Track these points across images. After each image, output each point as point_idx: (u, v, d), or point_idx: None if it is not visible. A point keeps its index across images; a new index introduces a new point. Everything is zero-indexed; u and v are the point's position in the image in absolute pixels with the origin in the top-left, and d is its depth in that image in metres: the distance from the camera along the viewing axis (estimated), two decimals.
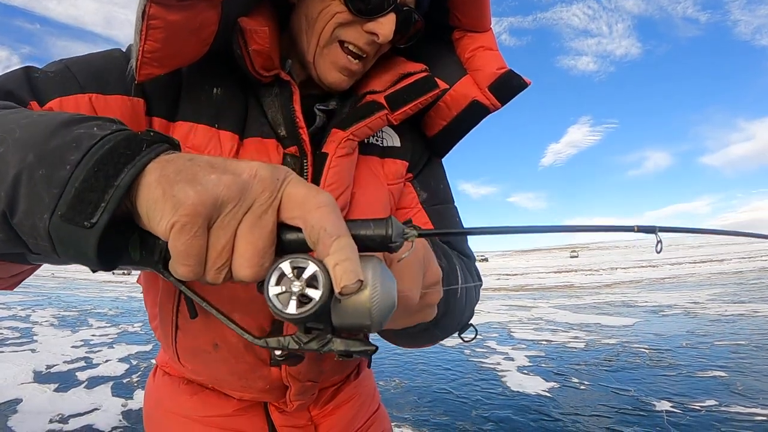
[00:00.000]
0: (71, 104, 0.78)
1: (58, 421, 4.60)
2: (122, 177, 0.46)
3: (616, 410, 4.98)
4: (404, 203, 1.11)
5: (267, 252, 0.49)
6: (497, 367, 7.03)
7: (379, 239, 0.52)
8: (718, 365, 6.54)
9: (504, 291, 22.17)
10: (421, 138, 1.15)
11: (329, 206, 0.48)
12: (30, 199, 0.47)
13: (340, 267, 0.46)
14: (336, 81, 0.94)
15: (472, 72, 1.04)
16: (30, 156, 0.47)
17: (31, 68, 0.81)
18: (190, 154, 0.50)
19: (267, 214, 0.48)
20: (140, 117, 0.85)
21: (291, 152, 0.91)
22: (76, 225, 0.45)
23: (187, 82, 0.88)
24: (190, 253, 0.46)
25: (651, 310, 12.66)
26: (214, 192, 0.46)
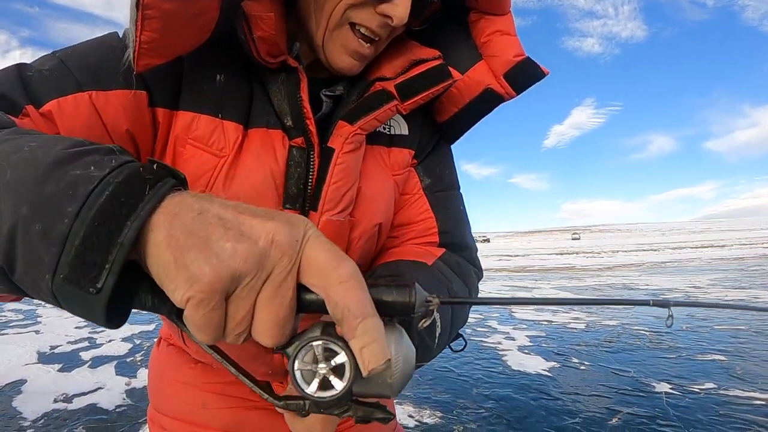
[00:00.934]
0: (70, 105, 0.74)
1: (62, 401, 4.65)
2: (125, 232, 0.42)
3: (615, 391, 5.03)
4: (407, 189, 1.09)
5: (288, 321, 0.47)
6: (498, 347, 7.09)
7: (401, 307, 0.51)
8: (717, 349, 6.57)
9: (505, 272, 22.23)
10: (431, 122, 1.11)
11: (352, 280, 0.46)
12: (28, 257, 0.44)
13: (367, 350, 0.45)
14: (346, 65, 0.89)
15: (488, 58, 0.99)
16: (24, 207, 0.43)
17: (23, 66, 0.76)
18: (199, 201, 0.46)
19: (287, 282, 0.46)
20: (143, 109, 0.81)
21: (297, 144, 0.87)
22: (80, 289, 0.42)
23: (189, 69, 0.84)
24: (209, 326, 0.45)
25: (652, 293, 12.65)
26: (230, 266, 0.42)
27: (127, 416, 4.32)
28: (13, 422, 4.11)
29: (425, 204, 1.08)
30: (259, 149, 0.85)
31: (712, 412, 4.35)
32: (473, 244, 1.14)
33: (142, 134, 0.82)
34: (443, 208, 1.10)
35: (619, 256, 34.33)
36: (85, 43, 0.83)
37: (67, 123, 0.73)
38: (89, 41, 0.83)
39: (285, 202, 0.87)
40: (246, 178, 0.84)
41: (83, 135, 0.71)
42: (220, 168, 0.83)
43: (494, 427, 4.20)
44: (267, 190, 0.85)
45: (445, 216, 1.10)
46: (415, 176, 1.09)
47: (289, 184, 0.87)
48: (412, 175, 1.09)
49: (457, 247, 1.09)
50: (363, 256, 1.01)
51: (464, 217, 1.15)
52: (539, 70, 0.97)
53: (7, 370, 5.35)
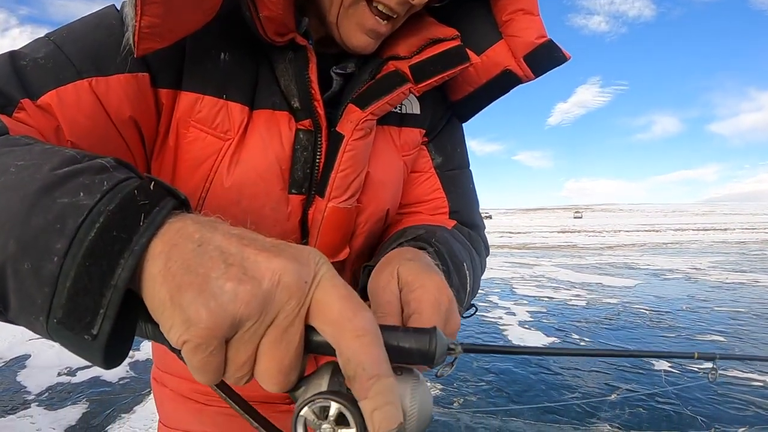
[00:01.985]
0: (70, 94, 0.69)
1: (66, 374, 4.69)
2: (119, 272, 0.38)
3: (615, 367, 5.08)
4: (417, 167, 1.06)
5: (294, 367, 0.43)
6: (499, 321, 7.15)
7: (420, 354, 0.46)
8: (716, 330, 6.62)
9: (507, 248, 22.25)
10: (443, 99, 1.07)
11: (369, 335, 0.41)
12: (21, 297, 0.40)
13: (379, 413, 0.40)
14: (361, 44, 0.84)
15: (508, 38, 0.94)
16: (11, 244, 0.40)
17: (16, 55, 0.70)
18: (201, 230, 0.42)
19: (293, 326, 0.41)
20: (146, 92, 0.76)
21: (304, 126, 0.84)
22: (76, 333, 0.39)
23: (191, 47, 0.78)
24: (207, 369, 0.41)
25: (653, 273, 12.76)
26: (230, 311, 0.38)
27: (130, 388, 4.37)
28: (17, 396, 4.15)
29: (436, 183, 1.06)
30: (264, 132, 0.82)
31: (711, 391, 4.40)
32: (481, 223, 1.13)
33: (145, 119, 0.78)
34: (454, 187, 1.08)
35: (620, 236, 34.33)
36: (81, 22, 0.77)
37: (68, 114, 0.69)
38: (85, 20, 0.77)
39: (291, 187, 0.85)
40: (251, 163, 0.81)
41: (86, 125, 0.70)
42: (225, 151, 0.80)
43: (494, 400, 4.25)
44: (272, 176, 0.83)
45: (456, 195, 1.08)
46: (426, 154, 1.07)
47: (295, 168, 0.84)
48: (423, 153, 1.06)
49: (466, 226, 1.09)
50: (369, 239, 1.00)
51: (473, 196, 1.14)
52: (561, 54, 0.93)
53: (12, 345, 5.38)
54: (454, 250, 0.86)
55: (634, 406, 4.07)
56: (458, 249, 0.89)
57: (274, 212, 0.85)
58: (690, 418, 3.84)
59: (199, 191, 0.82)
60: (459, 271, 0.83)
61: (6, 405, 3.94)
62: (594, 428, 3.67)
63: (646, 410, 4.00)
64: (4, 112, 0.64)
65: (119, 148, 0.76)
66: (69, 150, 0.47)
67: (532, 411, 3.99)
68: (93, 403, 4.04)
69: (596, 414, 3.93)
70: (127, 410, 3.92)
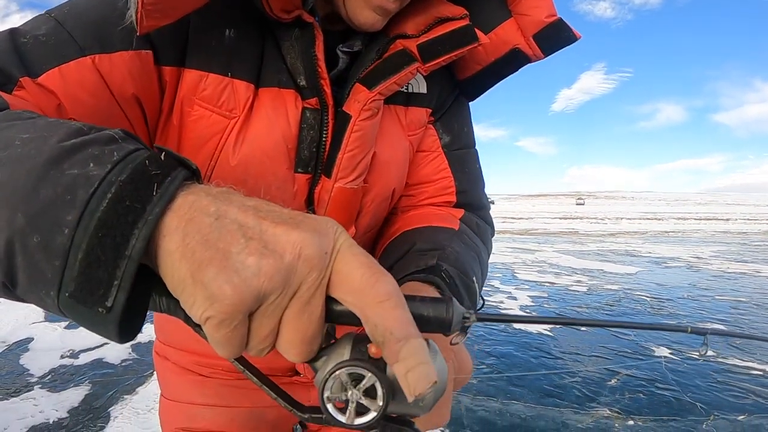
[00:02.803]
0: (73, 72, 0.68)
1: (69, 357, 4.70)
2: (133, 243, 0.38)
3: (615, 352, 5.11)
4: (425, 146, 1.06)
5: (316, 337, 0.43)
6: (500, 305, 7.17)
7: (437, 322, 0.47)
8: (717, 318, 6.63)
9: (509, 234, 22.25)
10: (450, 78, 1.05)
11: (392, 298, 0.41)
12: (30, 272, 0.39)
13: (413, 374, 0.40)
14: (368, 21, 0.82)
15: (518, 16, 0.93)
16: (20, 217, 0.38)
17: (16, 32, 0.68)
18: (216, 202, 0.41)
19: (315, 297, 0.41)
20: (149, 70, 0.75)
21: (311, 105, 0.83)
22: (89, 306, 0.38)
23: (196, 24, 0.76)
24: (230, 343, 0.41)
25: (654, 260, 12.77)
26: (254, 286, 0.38)
27: (133, 370, 4.39)
28: (20, 379, 4.16)
29: (444, 162, 1.06)
30: (270, 111, 0.81)
31: (710, 379, 4.42)
32: (487, 203, 1.13)
33: (149, 96, 0.77)
34: (461, 167, 1.08)
35: (623, 223, 34.32)
36: None
37: (70, 92, 0.67)
38: None
39: (297, 166, 0.85)
40: (257, 142, 0.81)
41: (88, 103, 0.69)
42: (230, 130, 0.79)
43: (495, 383, 4.28)
44: (278, 154, 0.83)
45: (463, 175, 1.08)
46: (433, 133, 1.06)
47: (302, 147, 0.84)
48: (430, 132, 1.06)
49: (473, 207, 1.09)
50: (375, 218, 1.01)
51: (480, 176, 1.13)
52: (571, 33, 0.91)
53: (14, 329, 5.38)
54: (465, 267, 0.86)
55: (633, 391, 4.10)
56: (467, 258, 0.89)
57: (280, 191, 0.85)
58: (689, 404, 3.86)
59: (204, 170, 0.81)
60: (469, 289, 0.83)
61: (9, 388, 3.96)
62: (594, 412, 3.69)
63: (646, 396, 4.02)
64: (3, 89, 0.63)
65: (121, 124, 0.75)
66: (75, 122, 0.46)
67: (532, 394, 4.01)
68: (96, 385, 4.06)
69: (596, 398, 3.96)
70: (130, 392, 3.95)
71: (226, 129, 0.79)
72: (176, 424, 1.13)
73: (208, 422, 1.10)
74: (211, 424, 1.10)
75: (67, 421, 3.42)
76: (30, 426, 3.32)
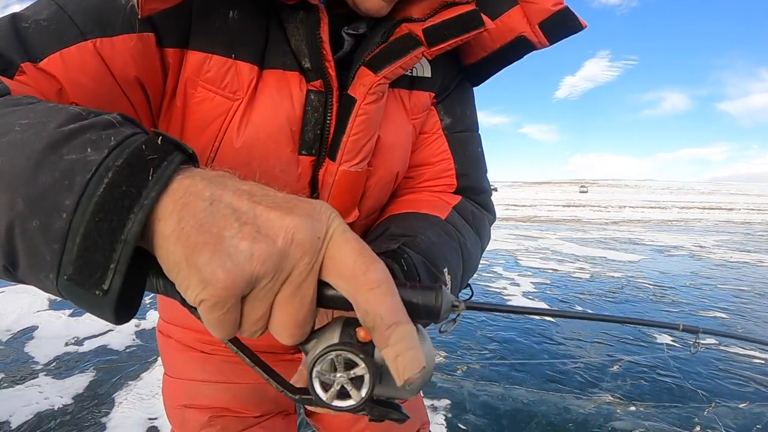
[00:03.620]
0: (74, 56, 0.67)
1: (73, 344, 4.72)
2: (129, 227, 0.38)
3: (617, 339, 5.12)
4: (426, 128, 1.05)
5: (308, 321, 0.45)
6: (503, 292, 7.18)
7: (426, 310, 0.48)
8: (719, 307, 6.64)
9: (512, 221, 22.22)
10: (455, 62, 1.05)
11: (383, 285, 0.42)
12: (30, 255, 0.40)
13: (402, 359, 0.42)
14: (374, 6, 0.82)
15: (524, 3, 0.92)
16: (19, 202, 0.39)
17: (18, 17, 0.68)
18: (211, 186, 0.42)
19: (307, 282, 0.42)
20: (151, 52, 0.75)
21: (315, 87, 0.83)
22: (87, 289, 0.39)
23: (199, 5, 0.76)
24: (223, 326, 0.42)
25: (657, 249, 12.76)
26: (247, 270, 0.39)
27: (137, 356, 4.41)
28: (25, 366, 4.18)
29: (444, 144, 1.06)
30: (275, 93, 0.81)
31: (712, 367, 4.43)
32: (489, 188, 1.13)
33: (151, 79, 0.77)
34: (462, 149, 1.08)
35: (626, 212, 34.28)
36: None
37: (71, 76, 0.67)
38: None
39: (301, 148, 0.85)
40: (261, 124, 0.81)
41: (90, 87, 0.69)
42: (234, 112, 0.80)
43: (497, 368, 4.30)
44: (282, 137, 0.83)
45: (464, 158, 1.08)
46: (435, 115, 1.06)
47: (306, 129, 0.84)
48: (431, 114, 1.06)
49: (473, 191, 1.09)
50: (378, 201, 1.01)
51: (482, 160, 1.13)
52: (577, 22, 0.91)
53: (19, 317, 5.39)
54: (434, 257, 0.85)
55: (635, 377, 4.12)
56: (442, 251, 0.88)
57: (284, 173, 0.85)
58: (691, 391, 3.87)
59: (208, 151, 0.82)
60: (435, 279, 0.83)
61: (14, 375, 3.98)
62: (596, 398, 3.71)
63: (648, 382, 4.04)
64: (5, 75, 0.62)
65: (124, 109, 0.75)
66: (74, 107, 0.47)
67: (534, 380, 4.03)
68: (100, 372, 4.08)
69: (598, 384, 3.98)
70: (134, 377, 3.97)
71: (229, 111, 0.79)
72: (179, 401, 1.16)
73: (210, 399, 1.13)
74: (213, 401, 1.13)
75: (72, 407, 3.44)
76: (35, 413, 3.34)
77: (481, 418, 3.41)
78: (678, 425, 3.32)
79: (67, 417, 3.30)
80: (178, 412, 1.16)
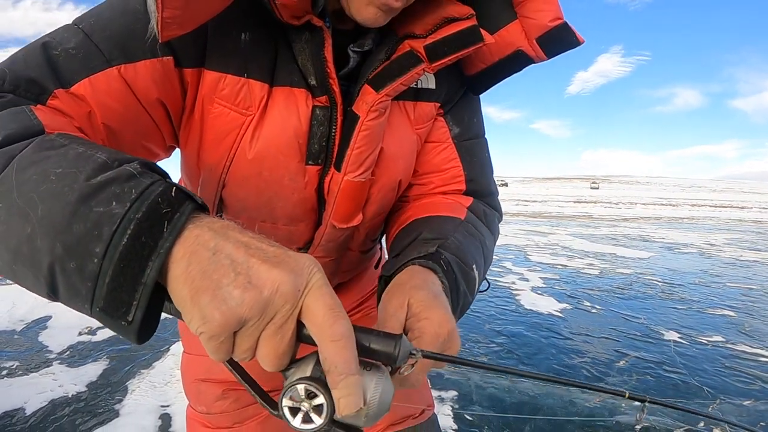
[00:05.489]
0: (101, 82, 0.75)
1: (87, 333, 4.80)
2: (148, 273, 0.47)
3: (625, 335, 5.15)
4: (434, 137, 1.10)
5: (286, 354, 0.53)
6: (512, 286, 7.21)
7: (385, 356, 0.57)
8: (728, 305, 6.64)
9: (522, 216, 22.21)
10: (458, 73, 1.08)
11: (342, 340, 0.51)
12: (68, 289, 0.50)
13: (343, 401, 0.51)
14: (370, 17, 0.83)
15: (523, 18, 0.94)
16: (58, 246, 0.49)
17: (48, 45, 0.74)
18: (215, 238, 0.51)
19: (287, 324, 0.51)
20: (171, 74, 0.81)
21: (321, 102, 0.88)
22: (115, 319, 0.49)
23: (213, 28, 0.82)
24: (219, 352, 0.51)
25: (667, 246, 12.73)
26: (237, 313, 0.48)
27: (149, 346, 4.48)
28: (39, 355, 4.26)
29: (453, 152, 1.11)
30: (283, 108, 0.87)
31: (718, 364, 4.46)
32: (496, 190, 1.19)
33: (171, 98, 0.84)
34: (470, 156, 1.13)
35: (637, 208, 34.15)
36: (107, 7, 0.81)
37: (100, 100, 0.75)
38: (111, 5, 0.81)
39: (308, 159, 0.91)
40: (271, 138, 0.87)
41: (116, 109, 0.76)
42: (247, 126, 0.86)
43: (504, 361, 4.35)
44: (290, 149, 0.89)
45: (472, 164, 1.13)
46: (443, 125, 1.10)
47: (312, 142, 0.90)
48: (440, 124, 1.10)
49: (481, 194, 1.14)
50: (381, 206, 1.07)
51: (489, 164, 1.18)
52: (574, 38, 0.94)
53: (33, 308, 5.46)
54: (465, 255, 0.92)
55: (642, 373, 4.15)
56: (469, 248, 0.95)
57: (293, 182, 0.92)
58: (696, 388, 3.90)
59: (224, 161, 0.89)
60: (466, 275, 0.91)
61: (29, 363, 4.06)
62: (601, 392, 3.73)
63: (654, 378, 4.07)
64: (39, 100, 0.70)
65: (148, 125, 0.83)
66: (101, 153, 0.55)
67: (541, 373, 4.06)
68: (113, 360, 4.16)
69: (604, 379, 4.01)
70: (147, 366, 4.05)
71: (242, 125, 0.86)
72: (196, 376, 1.25)
73: (223, 373, 1.21)
74: (227, 375, 1.21)
75: (85, 394, 3.52)
76: (50, 399, 3.42)
77: (488, 409, 3.45)
78: (682, 420, 3.35)
79: (81, 404, 3.37)
80: (195, 385, 1.26)
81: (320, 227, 1.01)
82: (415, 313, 0.73)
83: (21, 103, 0.67)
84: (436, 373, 3.88)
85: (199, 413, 1.25)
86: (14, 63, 0.72)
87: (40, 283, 0.52)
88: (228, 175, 0.91)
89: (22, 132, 0.60)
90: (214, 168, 0.91)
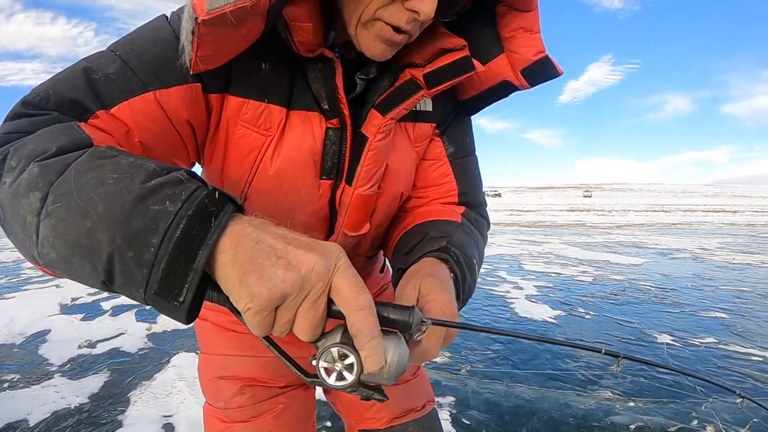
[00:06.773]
0: (139, 105, 0.84)
1: (86, 347, 4.87)
2: (199, 260, 0.55)
3: (619, 339, 5.22)
4: (431, 155, 1.23)
5: (319, 325, 0.62)
6: (506, 295, 7.28)
7: (401, 323, 0.67)
8: (720, 307, 6.72)
9: (516, 226, 22.33)
10: (452, 96, 1.20)
11: (366, 309, 0.61)
12: (125, 276, 0.57)
13: (370, 359, 0.61)
14: (378, 52, 0.92)
15: (509, 53, 1.05)
16: (118, 238, 0.56)
17: (89, 70, 0.82)
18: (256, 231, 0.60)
19: (320, 299, 0.60)
20: (199, 98, 0.91)
21: (333, 124, 0.98)
22: (168, 300, 0.56)
23: (238, 60, 0.89)
24: (262, 326, 0.59)
25: (660, 252, 12.84)
26: (281, 288, 0.56)
27: (149, 358, 4.54)
28: (39, 368, 4.31)
29: (448, 169, 1.24)
30: (300, 130, 0.97)
31: (711, 364, 4.54)
32: (485, 201, 1.32)
33: (198, 119, 0.93)
34: (463, 172, 1.26)
35: (630, 215, 34.28)
36: (139, 36, 0.89)
37: (137, 120, 0.83)
38: (143, 33, 0.90)
39: (322, 174, 1.01)
40: (289, 156, 0.97)
41: (151, 128, 0.85)
42: (267, 146, 0.96)
43: (500, 367, 4.40)
44: (306, 166, 0.99)
45: (465, 180, 1.26)
46: (440, 144, 1.23)
47: (326, 159, 1.00)
48: (437, 143, 1.22)
49: (472, 205, 1.28)
50: (385, 215, 1.20)
51: (479, 178, 1.31)
52: (555, 70, 1.04)
53: (32, 322, 5.52)
54: (467, 250, 1.04)
55: (635, 374, 4.21)
56: (469, 245, 1.08)
57: (308, 194, 1.03)
58: (689, 387, 3.97)
59: (247, 176, 0.99)
60: (470, 266, 1.03)
61: (30, 376, 4.10)
62: (596, 394, 3.82)
63: (647, 379, 4.13)
64: (80, 119, 0.78)
65: (176, 143, 0.93)
66: (150, 163, 0.64)
67: (536, 377, 4.13)
68: (114, 372, 4.21)
69: (598, 382, 4.08)
70: (148, 377, 4.10)
71: (263, 145, 0.96)
72: (213, 374, 1.34)
73: (241, 370, 1.32)
74: (244, 372, 1.32)
75: (88, 406, 3.56)
76: (52, 411, 3.47)
77: (485, 413, 3.52)
78: (676, 419, 3.42)
79: (84, 415, 3.42)
80: (213, 383, 1.34)
81: (332, 235, 1.12)
82: (423, 295, 0.84)
83: (65, 120, 0.76)
84: (433, 380, 3.94)
85: (218, 409, 1.32)
86: (57, 84, 0.80)
87: (96, 273, 0.58)
88: (250, 189, 1.00)
89: (73, 144, 0.68)
90: (237, 182, 1.00)
